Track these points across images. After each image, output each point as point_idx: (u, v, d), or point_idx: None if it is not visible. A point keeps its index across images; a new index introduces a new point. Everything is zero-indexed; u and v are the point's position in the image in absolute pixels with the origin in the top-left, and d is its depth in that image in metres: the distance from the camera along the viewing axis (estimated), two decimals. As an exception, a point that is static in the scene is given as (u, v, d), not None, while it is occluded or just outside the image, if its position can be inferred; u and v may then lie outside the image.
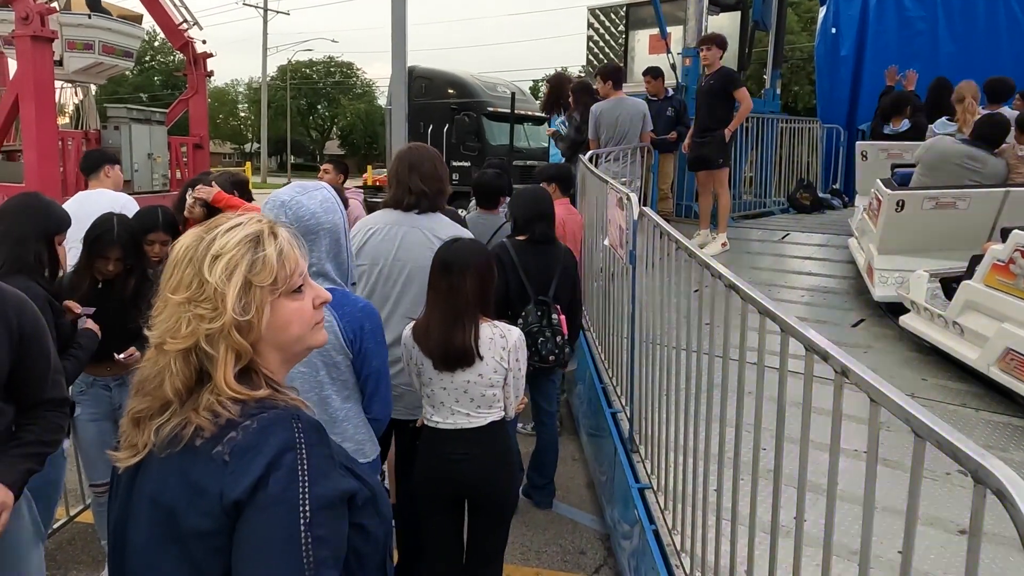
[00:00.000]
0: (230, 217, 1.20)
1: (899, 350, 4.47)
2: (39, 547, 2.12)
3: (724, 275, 2.08)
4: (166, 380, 1.11)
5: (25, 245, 2.59)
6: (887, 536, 2.50)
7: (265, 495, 1.03)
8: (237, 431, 1.07)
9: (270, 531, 1.03)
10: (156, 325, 1.14)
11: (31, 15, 8.36)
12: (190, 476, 1.07)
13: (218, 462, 1.06)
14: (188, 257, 1.14)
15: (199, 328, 1.10)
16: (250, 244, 1.15)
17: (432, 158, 2.94)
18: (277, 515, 1.03)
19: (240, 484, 1.03)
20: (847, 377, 1.42)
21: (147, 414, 1.14)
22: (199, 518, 1.06)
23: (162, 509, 1.10)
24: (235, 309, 1.11)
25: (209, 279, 1.11)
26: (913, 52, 9.08)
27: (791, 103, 25.89)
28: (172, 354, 1.11)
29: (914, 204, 4.76)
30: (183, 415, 1.11)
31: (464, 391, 2.57)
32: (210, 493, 1.05)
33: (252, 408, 1.11)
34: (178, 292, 1.12)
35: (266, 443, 1.07)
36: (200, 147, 12.53)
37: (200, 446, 1.08)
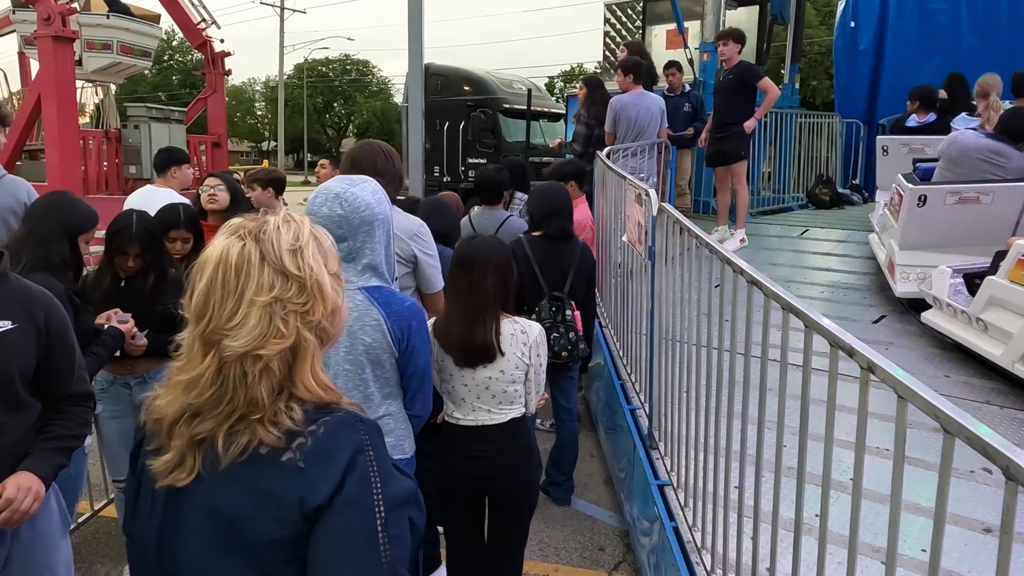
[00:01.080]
0: (255, 218, 1.17)
1: (921, 346, 4.43)
2: (67, 538, 2.15)
3: (746, 271, 2.06)
4: (244, 390, 1.08)
5: (48, 243, 2.62)
6: (910, 534, 2.48)
7: (342, 498, 1.05)
8: (305, 436, 1.08)
9: (350, 533, 1.05)
10: (241, 335, 1.07)
11: (53, 16, 8.44)
12: (259, 485, 1.07)
13: (291, 469, 1.06)
14: (256, 259, 1.10)
15: (297, 323, 1.10)
16: (313, 236, 1.16)
17: (375, 155, 2.81)
18: (355, 517, 1.05)
19: (321, 490, 1.04)
20: (874, 373, 1.40)
21: (213, 431, 1.10)
22: (273, 527, 1.05)
23: (225, 520, 1.08)
24: (334, 296, 1.14)
25: (298, 272, 1.11)
26: (934, 45, 8.98)
27: (809, 98, 25.64)
28: (268, 358, 1.08)
29: (936, 199, 4.70)
30: (247, 424, 1.09)
31: (486, 387, 2.58)
32: (287, 500, 1.05)
33: (312, 411, 1.11)
34: (261, 294, 1.08)
35: (339, 447, 1.08)
36: (218, 145, 12.61)
37: (266, 454, 1.07)
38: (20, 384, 1.91)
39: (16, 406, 1.91)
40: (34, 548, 1.97)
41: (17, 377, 1.90)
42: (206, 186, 3.99)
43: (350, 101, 58.00)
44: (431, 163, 13.48)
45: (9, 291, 1.91)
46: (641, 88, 6.66)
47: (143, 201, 4.09)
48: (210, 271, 1.10)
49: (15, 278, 1.97)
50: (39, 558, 2.00)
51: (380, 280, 2.14)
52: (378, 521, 1.06)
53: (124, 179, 10.64)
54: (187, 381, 1.11)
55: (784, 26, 9.78)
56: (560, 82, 52.38)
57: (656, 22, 9.21)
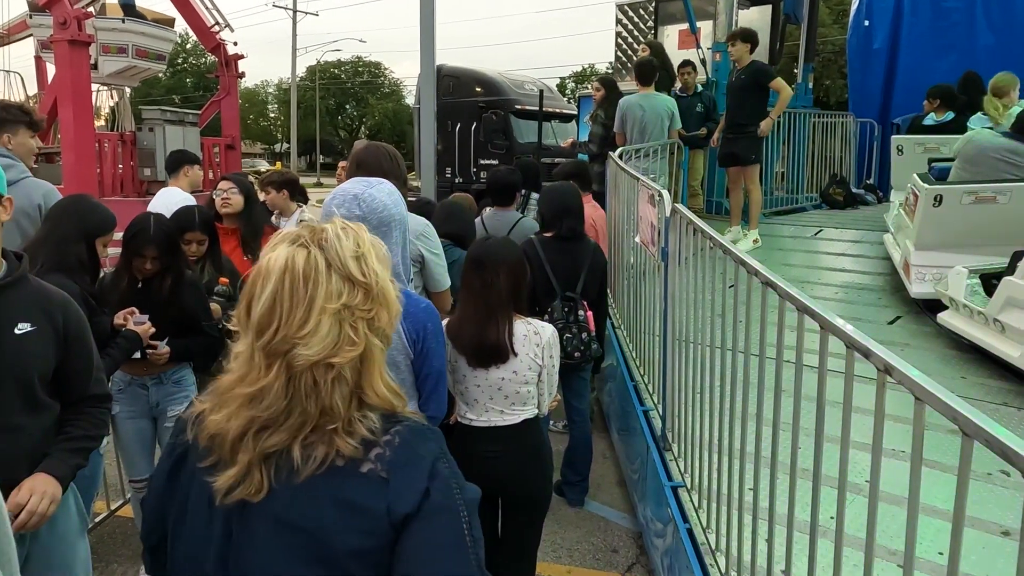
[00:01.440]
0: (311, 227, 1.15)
1: (937, 347, 4.39)
2: (85, 538, 2.18)
3: (761, 272, 2.06)
4: (315, 399, 1.08)
5: (65, 245, 2.66)
6: (926, 536, 2.46)
7: (430, 505, 1.06)
8: (381, 446, 1.08)
9: (442, 539, 1.06)
10: (314, 343, 1.06)
11: (69, 20, 8.51)
12: (342, 496, 1.06)
13: (374, 479, 1.06)
14: (323, 266, 1.09)
15: (368, 331, 1.10)
16: (372, 243, 1.16)
17: (380, 156, 2.83)
18: (444, 522, 1.07)
19: (409, 499, 1.05)
20: (891, 375, 1.39)
21: (287, 444, 1.08)
22: (359, 536, 1.05)
23: (304, 532, 1.06)
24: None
25: (365, 279, 1.11)
26: (949, 44, 8.90)
27: (822, 97, 25.49)
28: (340, 366, 1.08)
29: (953, 199, 4.66)
30: (321, 435, 1.08)
31: (498, 388, 2.58)
32: (374, 511, 1.05)
33: (384, 422, 1.11)
34: (331, 301, 1.08)
35: (418, 456, 1.09)
36: (232, 148, 12.68)
37: (344, 465, 1.07)
38: (39, 385, 1.93)
39: (35, 407, 1.93)
40: (53, 548, 1.99)
41: (36, 379, 1.92)
42: (219, 189, 4.02)
43: (362, 103, 58.22)
44: (443, 164, 13.51)
45: (28, 293, 1.94)
46: (650, 89, 6.65)
47: (163, 203, 4.15)
48: (275, 280, 1.08)
49: (34, 280, 1.99)
50: (58, 558, 2.02)
51: (396, 281, 2.14)
52: (464, 524, 1.08)
53: (139, 181, 10.73)
54: (251, 394, 1.09)
55: (797, 25, 9.73)
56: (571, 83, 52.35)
57: (668, 22, 9.18)
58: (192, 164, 4.88)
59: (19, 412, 1.89)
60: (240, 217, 3.99)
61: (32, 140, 3.64)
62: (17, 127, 3.53)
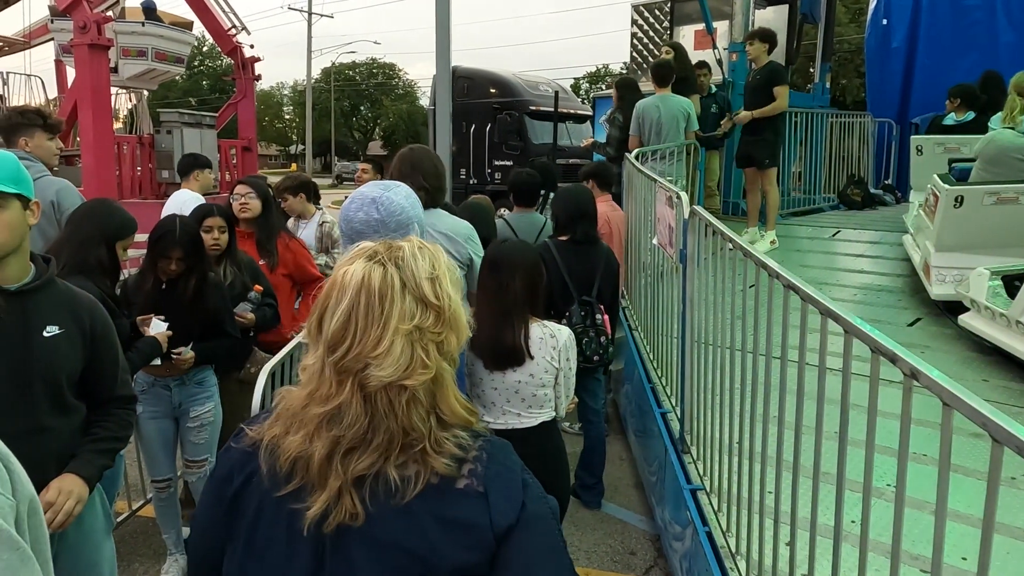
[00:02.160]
0: (388, 243, 1.14)
1: (958, 350, 4.35)
2: (110, 538, 2.20)
3: (782, 275, 2.05)
4: (398, 419, 1.06)
5: (86, 248, 2.70)
6: (949, 540, 2.42)
7: (527, 515, 1.08)
8: (472, 462, 1.09)
9: (541, 546, 1.08)
10: (387, 364, 1.04)
11: (89, 24, 8.62)
12: (443, 514, 1.05)
13: (472, 495, 1.07)
14: (399, 285, 1.07)
15: (438, 353, 1.09)
16: (447, 265, 1.14)
17: (432, 157, 3.02)
18: (541, 531, 1.09)
19: (510, 511, 1.07)
20: (917, 380, 1.39)
21: (376, 467, 1.06)
22: (463, 553, 1.05)
23: (406, 554, 1.05)
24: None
25: (438, 301, 1.09)
26: (969, 42, 8.80)
27: (839, 96, 25.32)
28: (413, 388, 1.06)
29: (974, 200, 4.62)
30: (411, 455, 1.07)
31: (515, 391, 2.59)
32: (478, 526, 1.05)
33: (462, 434, 1.11)
34: (405, 322, 1.06)
35: (506, 467, 1.11)
36: (248, 150, 12.78)
37: (438, 483, 1.06)
38: (67, 387, 1.96)
39: (63, 409, 1.96)
40: (80, 547, 2.02)
41: (64, 380, 1.95)
42: (236, 194, 4.04)
43: (377, 104, 58.46)
44: (457, 166, 13.55)
45: (56, 296, 1.96)
46: (666, 90, 6.63)
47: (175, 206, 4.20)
48: (351, 295, 1.06)
49: (62, 283, 2.02)
50: (85, 557, 2.04)
51: None
52: (558, 530, 1.12)
53: (157, 183, 10.85)
54: (327, 412, 1.06)
55: (814, 24, 9.67)
56: (586, 83, 52.29)
57: (684, 22, 9.15)
58: (203, 168, 4.94)
59: (48, 414, 1.91)
60: (256, 221, 4.02)
61: (51, 143, 3.71)
62: (33, 130, 3.61)
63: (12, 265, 1.86)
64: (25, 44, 13.39)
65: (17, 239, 1.84)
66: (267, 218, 4.07)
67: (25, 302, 1.88)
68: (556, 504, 1.17)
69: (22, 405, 1.86)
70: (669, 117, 6.45)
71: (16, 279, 1.88)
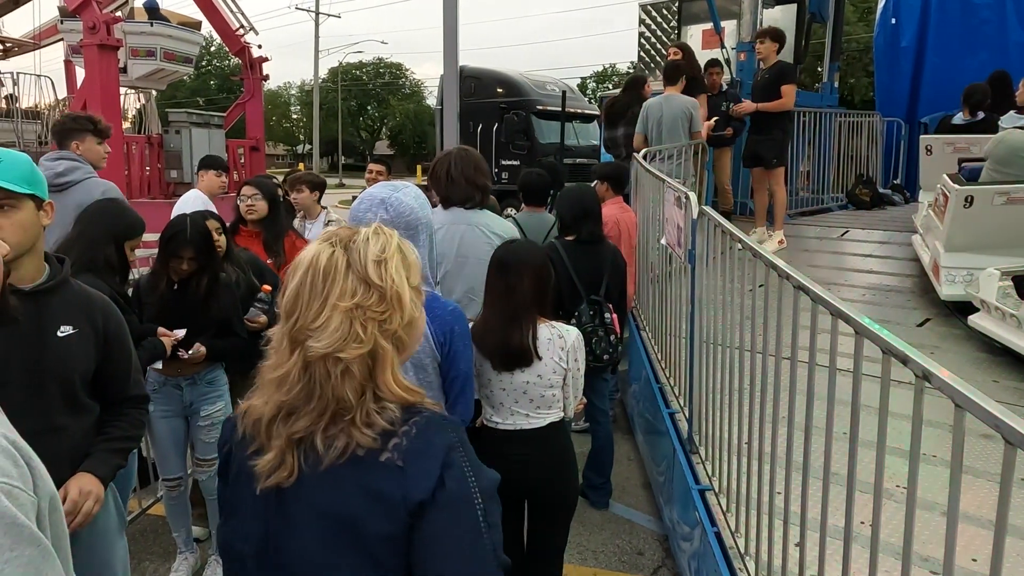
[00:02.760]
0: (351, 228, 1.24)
1: (967, 351, 4.33)
2: (123, 537, 2.22)
3: (793, 275, 2.05)
4: (331, 389, 1.13)
5: (95, 247, 2.72)
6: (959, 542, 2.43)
7: (444, 494, 1.10)
8: (399, 437, 1.13)
9: (457, 527, 1.10)
10: (324, 336, 1.13)
11: (98, 24, 8.66)
12: (365, 484, 1.12)
13: (392, 468, 1.11)
14: (343, 266, 1.16)
15: (375, 330, 1.15)
16: (399, 249, 1.22)
17: (478, 158, 3.07)
18: (459, 512, 1.11)
19: (422, 486, 1.10)
20: (929, 381, 1.38)
21: (310, 431, 1.15)
22: (384, 523, 1.11)
23: (337, 519, 1.13)
24: (412, 307, 1.19)
25: (380, 282, 1.16)
26: (979, 41, 8.76)
27: (847, 96, 25.23)
28: (347, 361, 1.13)
29: (984, 200, 4.60)
30: (342, 427, 1.13)
31: (523, 392, 2.59)
32: (392, 498, 1.10)
33: (399, 412, 1.16)
34: (344, 299, 1.14)
35: (433, 445, 1.13)
36: (256, 149, 12.82)
37: (364, 455, 1.13)
38: (80, 387, 1.97)
39: (77, 408, 1.97)
40: (94, 546, 2.03)
41: (77, 380, 1.96)
42: (243, 195, 4.05)
43: (383, 104, 58.55)
44: (465, 165, 13.53)
45: (70, 296, 1.98)
46: (673, 90, 6.63)
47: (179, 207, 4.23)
48: (301, 273, 1.17)
49: (76, 284, 2.03)
50: (99, 556, 2.06)
51: (424, 284, 2.16)
52: (479, 512, 1.12)
53: (166, 183, 10.88)
54: (278, 378, 1.17)
55: (822, 24, 9.64)
56: (592, 83, 52.23)
57: (692, 22, 9.14)
58: (207, 169, 4.94)
59: (62, 413, 1.93)
60: (263, 221, 4.04)
61: (99, 146, 3.99)
62: (84, 135, 3.90)
63: (27, 265, 1.87)
64: (35, 45, 13.47)
65: (31, 239, 1.85)
66: (274, 218, 4.09)
67: (40, 302, 1.89)
68: (490, 484, 1.16)
69: (36, 404, 1.88)
70: (671, 116, 6.44)
71: (31, 279, 1.89)
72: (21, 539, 0.81)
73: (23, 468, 0.88)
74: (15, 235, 1.79)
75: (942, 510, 2.67)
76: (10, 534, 0.80)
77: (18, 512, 0.82)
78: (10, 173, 1.80)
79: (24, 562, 0.81)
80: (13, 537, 0.80)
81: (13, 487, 0.84)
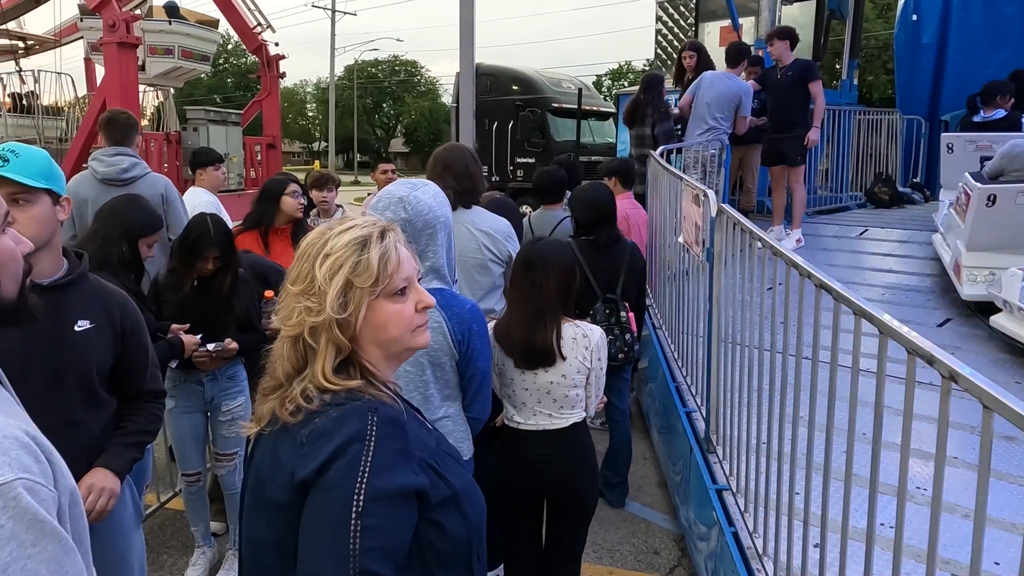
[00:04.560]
0: (349, 218, 1.28)
1: (989, 351, 4.28)
2: (139, 530, 2.23)
3: (814, 274, 2.02)
4: (278, 363, 1.23)
5: (110, 244, 2.74)
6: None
7: (325, 479, 1.10)
8: (320, 418, 1.16)
9: (324, 514, 1.10)
10: (278, 312, 1.24)
11: (117, 23, 8.72)
12: (276, 453, 1.19)
13: (298, 443, 1.15)
14: (308, 253, 1.23)
15: (305, 319, 1.19)
16: (357, 246, 1.22)
17: (465, 158, 3.01)
18: (332, 499, 1.10)
19: (307, 466, 1.12)
20: (956, 382, 1.36)
21: (266, 392, 1.26)
22: (278, 491, 1.16)
23: (257, 477, 1.23)
24: (333, 307, 1.18)
25: (317, 275, 1.20)
26: (1001, 38, 8.62)
27: (866, 93, 24.98)
28: (284, 340, 1.22)
29: (1007, 199, 4.53)
30: (280, 398, 1.21)
31: (547, 392, 2.57)
32: (286, 470, 1.15)
33: (340, 398, 1.18)
34: (296, 284, 1.22)
35: (338, 432, 1.13)
36: (273, 147, 12.88)
37: (291, 428, 1.18)
38: (98, 381, 1.99)
39: (94, 402, 1.98)
40: (110, 540, 2.04)
41: (95, 374, 1.97)
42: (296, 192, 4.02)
43: (399, 101, 58.67)
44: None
45: (88, 291, 1.99)
46: (734, 71, 6.63)
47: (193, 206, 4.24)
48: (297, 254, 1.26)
49: (94, 279, 2.05)
50: (115, 549, 2.07)
51: (442, 282, 2.15)
52: (354, 508, 1.08)
53: (184, 180, 10.95)
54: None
55: (842, 20, 9.54)
56: (608, 80, 52.06)
57: (709, 18, 9.07)
58: (206, 166, 4.85)
59: (79, 407, 1.94)
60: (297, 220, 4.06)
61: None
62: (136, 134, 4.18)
63: (44, 260, 1.88)
64: (56, 42, 13.59)
65: (47, 233, 1.86)
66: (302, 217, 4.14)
67: (57, 297, 1.90)
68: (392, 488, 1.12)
69: (55, 399, 1.89)
70: (723, 94, 6.47)
71: (48, 274, 1.90)
72: (43, 534, 0.82)
73: (44, 464, 0.88)
74: (30, 229, 1.80)
75: (963, 512, 2.63)
76: (32, 530, 0.81)
77: (40, 508, 0.83)
78: (27, 168, 1.81)
79: (46, 557, 0.82)
80: (35, 532, 0.81)
81: (35, 483, 0.84)
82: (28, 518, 0.81)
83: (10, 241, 1.08)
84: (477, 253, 2.92)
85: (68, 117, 13.14)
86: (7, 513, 0.79)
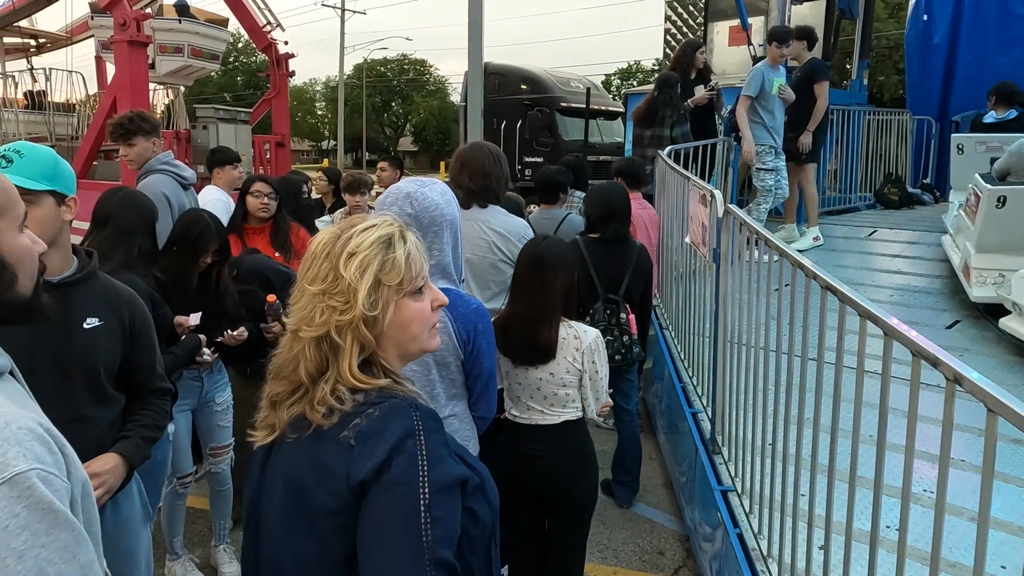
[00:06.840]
0: (365, 217, 1.27)
1: (998, 354, 4.25)
2: (148, 528, 2.24)
3: (820, 275, 2.02)
4: (300, 365, 1.20)
5: (132, 240, 2.72)
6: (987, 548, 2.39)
7: (389, 477, 1.11)
8: (361, 418, 1.15)
9: (393, 510, 1.10)
10: (293, 313, 1.22)
11: (128, 21, 8.75)
12: (319, 458, 1.16)
13: (344, 446, 1.14)
14: (326, 252, 1.22)
15: (331, 319, 1.18)
16: (383, 245, 1.23)
17: (484, 156, 2.98)
18: (400, 495, 1.10)
19: (365, 466, 1.11)
20: (960, 385, 1.35)
21: (282, 397, 1.23)
22: (327, 497, 1.14)
23: (292, 484, 1.19)
24: (364, 304, 1.19)
25: (344, 274, 1.19)
26: (1013, 38, 8.56)
27: (876, 93, 24.86)
28: (306, 341, 1.20)
29: (1017, 200, 4.50)
30: (308, 402, 1.19)
31: (537, 388, 2.59)
32: (337, 474, 1.13)
33: (374, 396, 1.18)
34: (315, 284, 1.21)
35: (388, 429, 1.14)
36: (282, 145, 12.88)
37: (328, 431, 1.17)
38: (106, 378, 2.00)
39: (102, 400, 2.00)
40: (117, 535, 2.05)
41: (103, 372, 1.99)
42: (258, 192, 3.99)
43: (408, 100, 58.75)
44: (488, 162, 13.52)
45: (97, 289, 2.01)
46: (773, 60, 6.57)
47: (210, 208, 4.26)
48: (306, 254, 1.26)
49: (103, 276, 2.06)
50: (122, 545, 2.08)
51: (448, 281, 2.15)
52: (422, 502, 1.10)
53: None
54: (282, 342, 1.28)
55: (852, 20, 9.48)
56: (617, 79, 51.97)
57: (719, 18, 9.04)
58: (223, 165, 4.87)
59: (88, 404, 1.96)
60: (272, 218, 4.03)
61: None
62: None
63: (52, 258, 1.89)
64: (67, 40, 13.68)
65: (50, 235, 1.87)
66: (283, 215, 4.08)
67: (66, 294, 1.92)
68: (450, 479, 1.15)
69: (63, 395, 1.90)
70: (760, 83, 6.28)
71: (57, 271, 1.92)
72: (56, 524, 0.85)
73: (57, 455, 0.91)
74: (33, 231, 1.80)
75: (969, 515, 2.62)
76: (46, 519, 0.84)
77: (54, 498, 0.85)
78: (28, 170, 1.82)
79: (59, 546, 0.84)
80: (49, 522, 0.84)
81: (48, 473, 0.87)
82: (42, 508, 0.84)
83: (27, 240, 1.12)
84: (488, 252, 2.93)
85: (79, 114, 13.21)
86: (22, 502, 0.82)
